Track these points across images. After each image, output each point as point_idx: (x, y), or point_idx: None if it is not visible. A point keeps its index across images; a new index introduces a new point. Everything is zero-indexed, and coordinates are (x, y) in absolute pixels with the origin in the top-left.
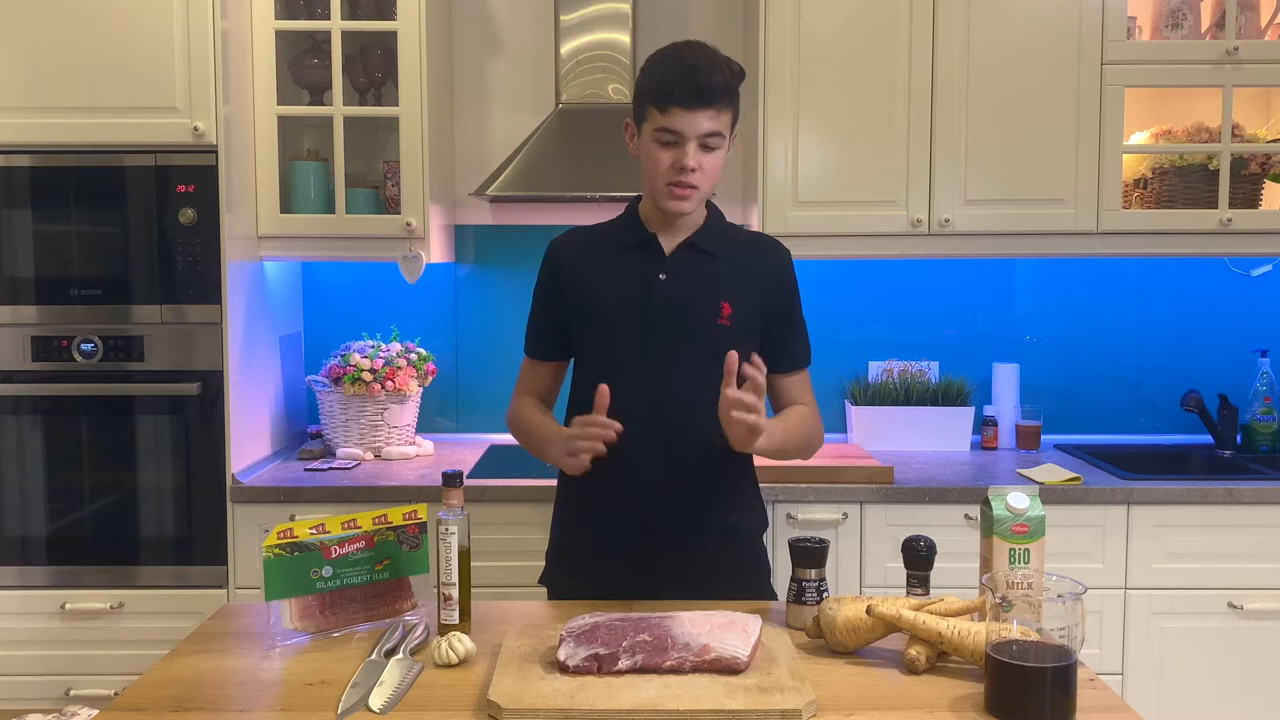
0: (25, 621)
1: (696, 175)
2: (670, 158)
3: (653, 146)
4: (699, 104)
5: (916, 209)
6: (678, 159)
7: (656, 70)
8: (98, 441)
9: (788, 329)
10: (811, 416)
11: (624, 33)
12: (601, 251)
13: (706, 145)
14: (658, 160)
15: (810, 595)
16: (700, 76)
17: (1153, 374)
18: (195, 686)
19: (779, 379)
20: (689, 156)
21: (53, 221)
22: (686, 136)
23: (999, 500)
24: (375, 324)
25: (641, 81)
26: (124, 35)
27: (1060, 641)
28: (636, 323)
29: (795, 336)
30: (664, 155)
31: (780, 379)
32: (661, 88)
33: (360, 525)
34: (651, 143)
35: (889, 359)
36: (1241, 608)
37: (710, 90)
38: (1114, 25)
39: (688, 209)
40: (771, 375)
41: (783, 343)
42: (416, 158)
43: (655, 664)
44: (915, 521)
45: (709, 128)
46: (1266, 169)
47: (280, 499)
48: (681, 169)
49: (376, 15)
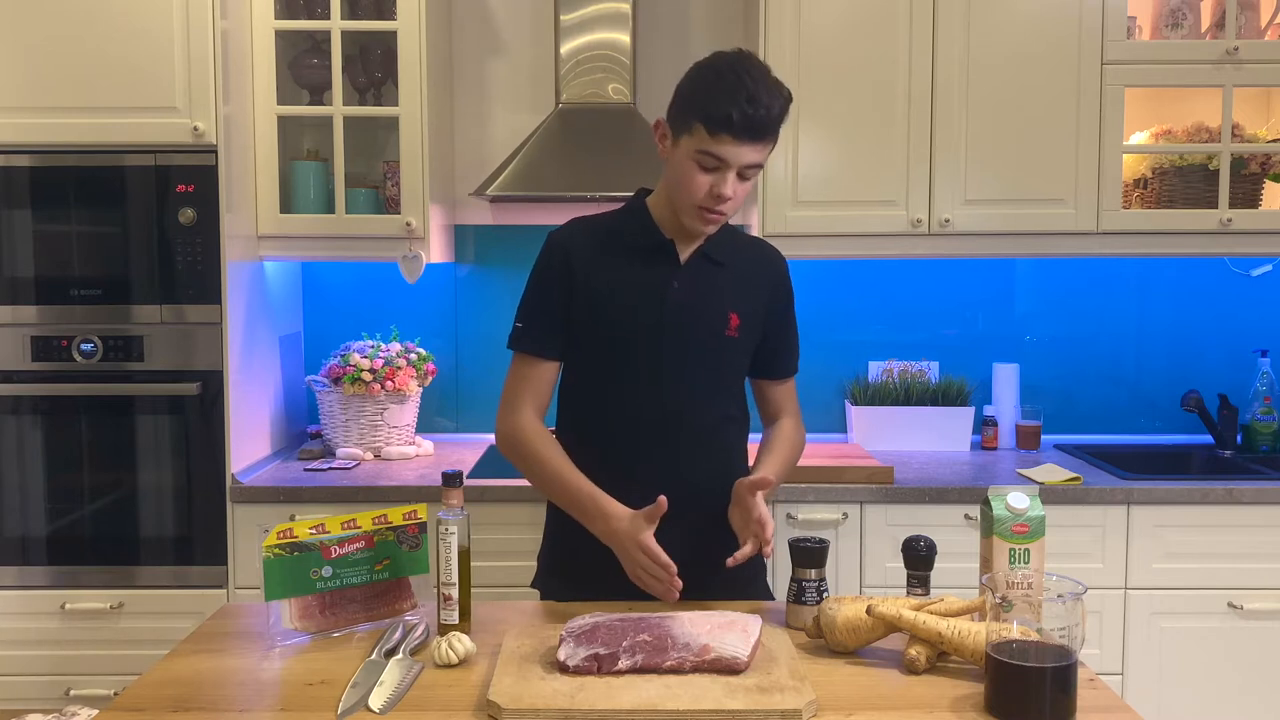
0: (25, 621)
1: (730, 204)
2: (709, 183)
3: (691, 165)
4: (752, 138)
5: (916, 209)
6: (716, 186)
7: (714, 90)
8: (98, 441)
9: (784, 338)
10: (792, 435)
11: (624, 33)
12: (614, 250)
13: (744, 175)
14: (695, 182)
15: (810, 595)
16: (760, 110)
17: (1153, 374)
18: (195, 686)
19: (770, 386)
20: (728, 186)
21: (53, 221)
22: (730, 165)
23: (999, 500)
24: (375, 324)
25: (693, 94)
26: (124, 35)
27: (1060, 641)
28: (650, 328)
29: (789, 345)
30: (702, 179)
31: (771, 386)
32: (718, 112)
33: (360, 525)
34: (690, 161)
35: (889, 359)
36: (1241, 608)
37: (767, 125)
38: (1114, 25)
39: (713, 231)
40: (762, 382)
41: (778, 351)
42: (416, 158)
43: (655, 664)
44: (915, 521)
45: (753, 159)
46: (1266, 169)
47: (280, 499)
48: (718, 197)
49: (376, 15)
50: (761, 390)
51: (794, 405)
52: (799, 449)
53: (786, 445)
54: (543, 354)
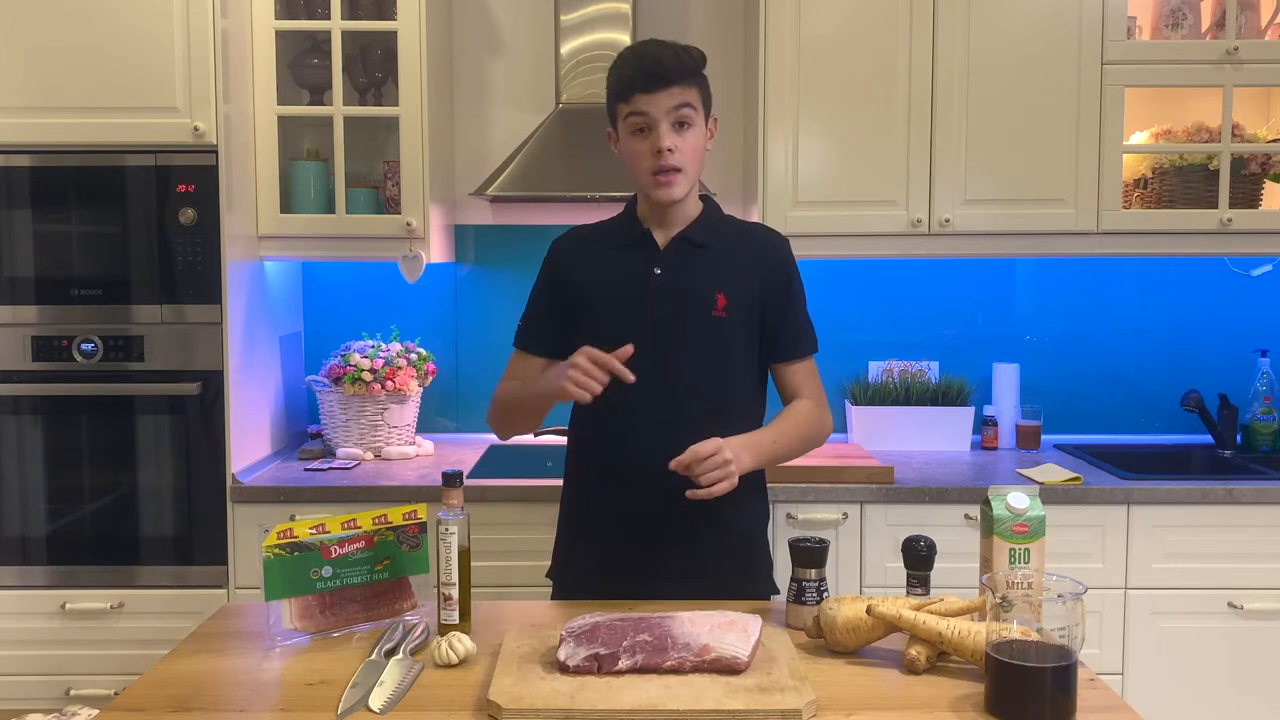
0: (25, 621)
1: (676, 156)
2: (647, 144)
3: (629, 139)
4: (658, 85)
5: (916, 209)
6: (653, 143)
7: (615, 69)
8: (98, 441)
9: (786, 316)
10: (810, 410)
11: (624, 33)
12: (598, 249)
13: (679, 123)
14: (636, 151)
15: (810, 595)
16: (650, 60)
17: (1153, 374)
18: (195, 686)
19: (781, 368)
20: (663, 138)
21: (53, 221)
22: (655, 118)
23: (999, 500)
24: (375, 324)
25: (607, 85)
26: (124, 35)
27: (1060, 641)
28: (634, 317)
29: (794, 323)
30: (640, 144)
31: (782, 368)
32: (621, 81)
33: (360, 525)
34: (628, 136)
35: (889, 359)
36: (1241, 608)
37: (664, 69)
38: (1114, 25)
39: (677, 194)
40: (775, 365)
41: (781, 329)
42: (416, 158)
43: (655, 664)
44: (915, 521)
45: (672, 103)
46: (1266, 169)
47: (280, 499)
48: (659, 151)
49: (376, 15)
50: (777, 375)
51: (813, 389)
52: (810, 424)
53: (791, 415)
54: (530, 349)
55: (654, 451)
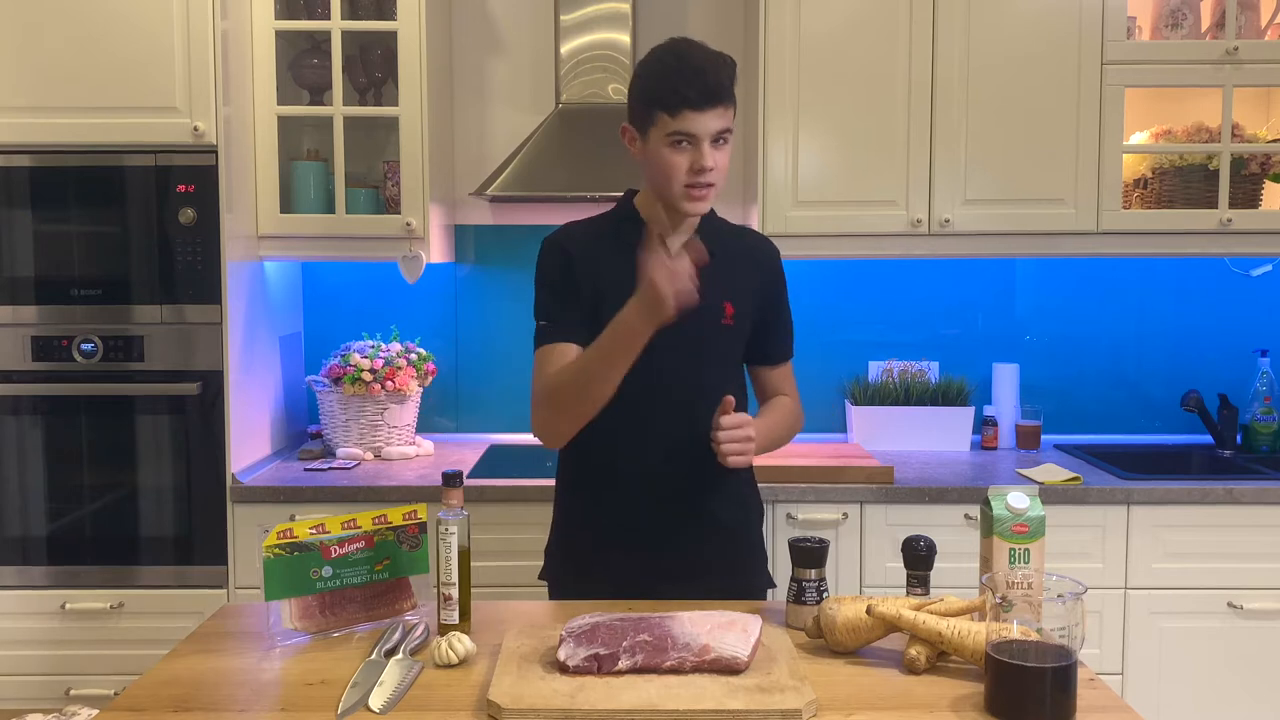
0: (25, 621)
1: (714, 174)
2: (686, 160)
3: (666, 151)
4: (709, 104)
5: (916, 209)
6: (695, 161)
7: (659, 74)
8: (98, 441)
9: (777, 324)
10: (791, 406)
11: (624, 33)
12: (609, 249)
13: (717, 143)
14: (673, 165)
15: (810, 595)
16: (708, 77)
17: (1153, 374)
18: (195, 686)
19: (765, 371)
20: (706, 157)
21: (53, 221)
22: (700, 137)
23: (999, 500)
24: (375, 324)
25: (643, 87)
26: (124, 35)
27: (1060, 641)
28: None
29: (783, 330)
30: (679, 159)
31: (766, 371)
32: (669, 92)
33: (360, 525)
34: (664, 147)
35: (889, 359)
36: (1241, 608)
37: (719, 89)
38: (1114, 25)
39: (706, 209)
40: (757, 368)
41: (772, 337)
42: (416, 158)
43: (655, 664)
44: (915, 521)
45: (720, 125)
46: (1266, 169)
47: (280, 499)
48: (700, 170)
49: (376, 15)
50: (759, 377)
51: (791, 387)
52: (792, 417)
53: (776, 411)
54: (566, 338)
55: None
